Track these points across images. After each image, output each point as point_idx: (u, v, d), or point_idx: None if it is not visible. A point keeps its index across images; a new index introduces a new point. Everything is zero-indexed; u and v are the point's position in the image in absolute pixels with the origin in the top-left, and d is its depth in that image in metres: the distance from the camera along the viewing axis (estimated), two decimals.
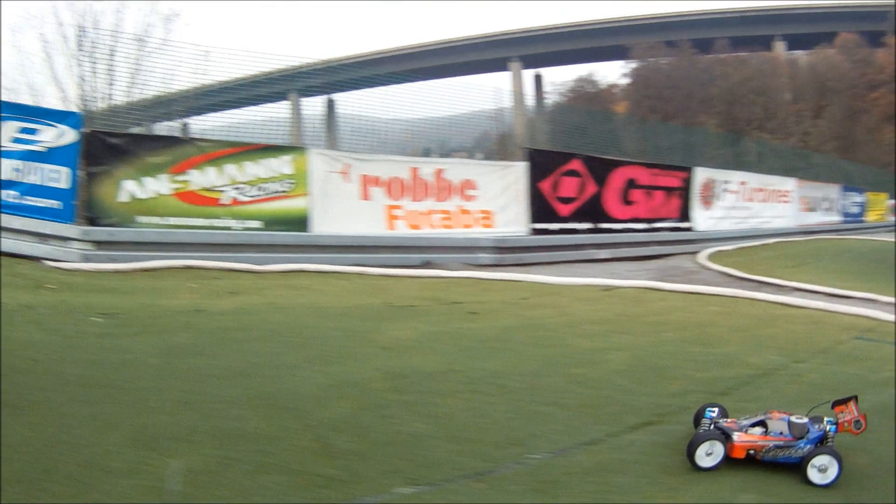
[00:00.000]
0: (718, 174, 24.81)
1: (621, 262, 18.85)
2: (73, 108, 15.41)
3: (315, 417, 5.34)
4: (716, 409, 5.17)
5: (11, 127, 13.65)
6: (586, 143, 21.64)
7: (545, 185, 18.62)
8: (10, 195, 13.62)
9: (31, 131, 13.74)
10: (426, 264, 15.51)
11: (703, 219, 23.75)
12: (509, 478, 4.53)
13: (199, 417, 5.15)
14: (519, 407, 5.83)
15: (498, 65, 55.74)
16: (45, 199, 13.75)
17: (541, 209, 18.57)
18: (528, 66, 57.63)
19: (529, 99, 48.62)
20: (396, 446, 4.90)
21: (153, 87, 17.24)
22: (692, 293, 13.39)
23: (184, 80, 17.02)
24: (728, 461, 4.72)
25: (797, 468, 4.66)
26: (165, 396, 5.56)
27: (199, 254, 13.56)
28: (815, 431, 4.78)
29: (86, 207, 14.02)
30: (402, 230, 16.56)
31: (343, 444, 4.86)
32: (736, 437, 4.76)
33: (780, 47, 58.65)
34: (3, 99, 14.74)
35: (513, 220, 18.09)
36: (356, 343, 7.94)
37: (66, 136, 13.83)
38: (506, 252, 16.99)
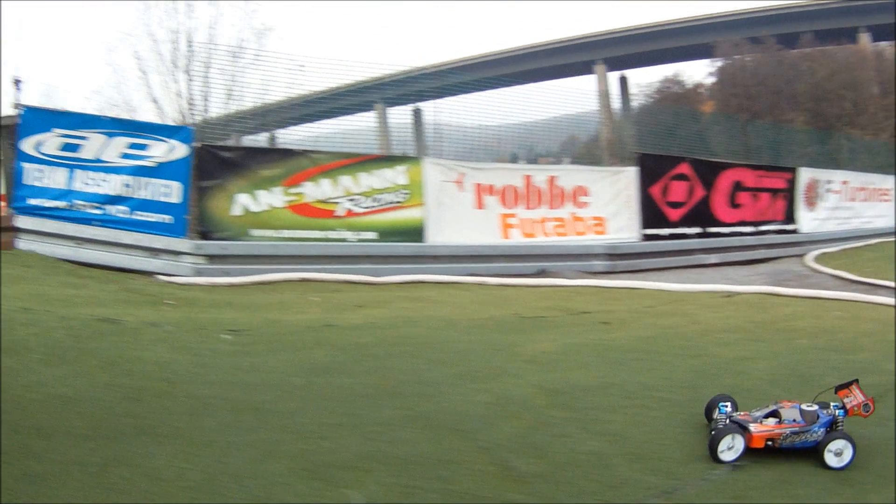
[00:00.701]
0: (821, 174, 23.90)
1: (731, 267, 18.25)
2: (176, 123, 15.29)
3: (486, 438, 5.15)
4: (728, 403, 5.39)
5: (120, 143, 13.69)
6: (675, 145, 21.04)
7: (655, 190, 18.08)
8: (120, 210, 13.69)
9: (141, 146, 13.76)
10: (541, 273, 15.10)
11: (807, 220, 22.89)
12: (698, 495, 4.46)
13: (362, 442, 4.99)
14: (685, 420, 5.68)
15: (582, 68, 55.23)
16: (156, 214, 13.75)
17: (651, 214, 18.04)
18: (612, 68, 56.96)
19: (616, 101, 47.98)
20: (578, 467, 4.75)
21: (249, 99, 17.22)
22: (812, 298, 12.95)
23: (278, 91, 16.93)
24: (748, 452, 4.92)
25: (812, 453, 4.92)
26: (320, 419, 5.42)
27: (313, 266, 13.45)
28: (825, 416, 5.07)
29: (198, 221, 14.00)
30: (516, 238, 16.21)
31: (524, 467, 4.69)
32: (753, 428, 4.99)
33: (865, 39, 56.96)
34: (111, 116, 14.80)
35: (624, 227, 17.58)
36: (501, 357, 7.69)
37: (176, 150, 13.81)
38: (618, 259, 16.54)
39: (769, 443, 4.96)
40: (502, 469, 4.64)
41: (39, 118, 13.82)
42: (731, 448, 4.88)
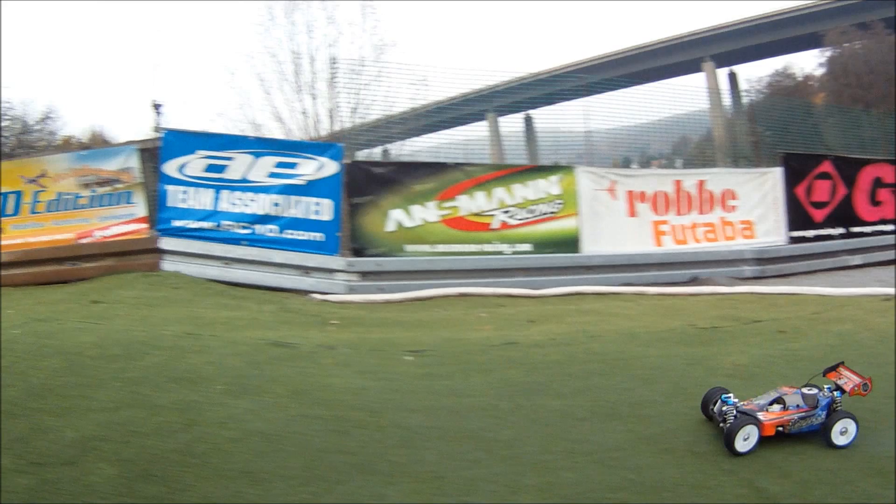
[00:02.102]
0: None
1: (876, 268, 17.43)
2: (327, 140, 15.24)
3: (726, 459, 4.98)
4: (731, 394, 5.48)
5: (268, 162, 13.78)
6: (790, 141, 20.32)
7: (800, 190, 17.49)
8: (269, 229, 13.74)
9: (290, 165, 13.83)
10: (693, 280, 14.71)
11: None
12: None
13: (603, 470, 4.78)
14: None
15: (690, 67, 54.08)
16: (307, 232, 13.78)
17: (797, 216, 17.45)
18: (721, 64, 55.79)
19: (726, 98, 46.98)
20: (823, 485, 4.64)
21: (374, 114, 17.23)
22: None
23: (402, 104, 16.92)
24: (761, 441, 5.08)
25: (817, 435, 5.20)
26: (547, 447, 5.19)
27: (468, 280, 13.35)
28: (823, 399, 5.32)
29: (351, 238, 13.99)
30: (668, 246, 15.84)
31: (772, 488, 4.57)
32: (762, 417, 5.16)
33: None
34: (257, 135, 14.89)
35: (772, 230, 16.99)
36: (699, 372, 7.34)
37: (326, 168, 13.85)
38: (767, 263, 15.98)
39: (779, 429, 5.18)
40: (754, 492, 4.50)
41: (182, 140, 13.97)
42: (746, 439, 5.03)
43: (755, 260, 15.89)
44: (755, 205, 16.92)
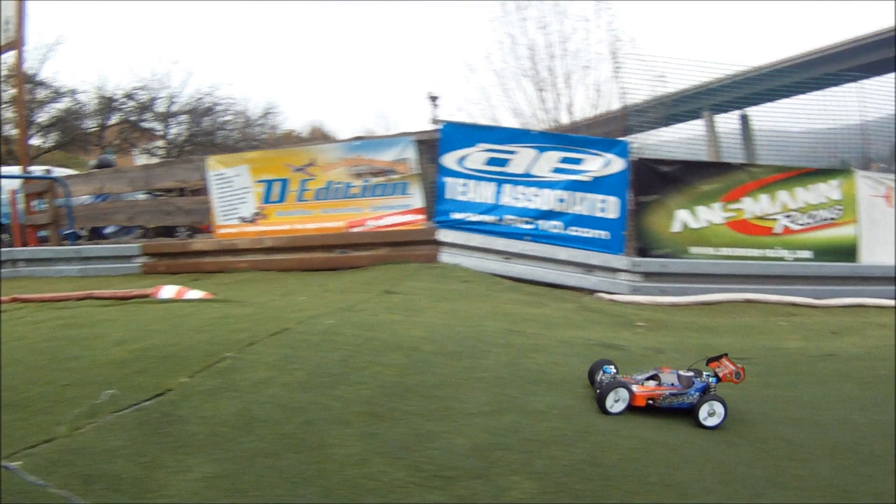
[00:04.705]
0: None
1: None
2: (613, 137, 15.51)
3: None
4: (612, 366, 6.10)
5: (552, 157, 14.04)
6: None
7: None
8: (553, 226, 14.05)
9: (575, 161, 14.03)
10: None
11: None
12: None
13: None
14: None
15: None
16: (591, 230, 13.96)
17: None
18: None
19: None
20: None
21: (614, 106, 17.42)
22: None
23: (637, 97, 17.01)
24: (630, 410, 5.59)
25: (688, 413, 5.61)
26: None
27: (750, 286, 13.27)
28: (699, 382, 5.76)
29: (636, 237, 14.11)
30: None
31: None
32: (635, 388, 5.65)
33: None
34: (541, 130, 15.25)
35: None
36: None
37: (612, 164, 13.96)
38: None
39: (650, 402, 5.63)
40: None
41: (462, 133, 14.45)
42: (617, 401, 5.54)
43: None
44: None
